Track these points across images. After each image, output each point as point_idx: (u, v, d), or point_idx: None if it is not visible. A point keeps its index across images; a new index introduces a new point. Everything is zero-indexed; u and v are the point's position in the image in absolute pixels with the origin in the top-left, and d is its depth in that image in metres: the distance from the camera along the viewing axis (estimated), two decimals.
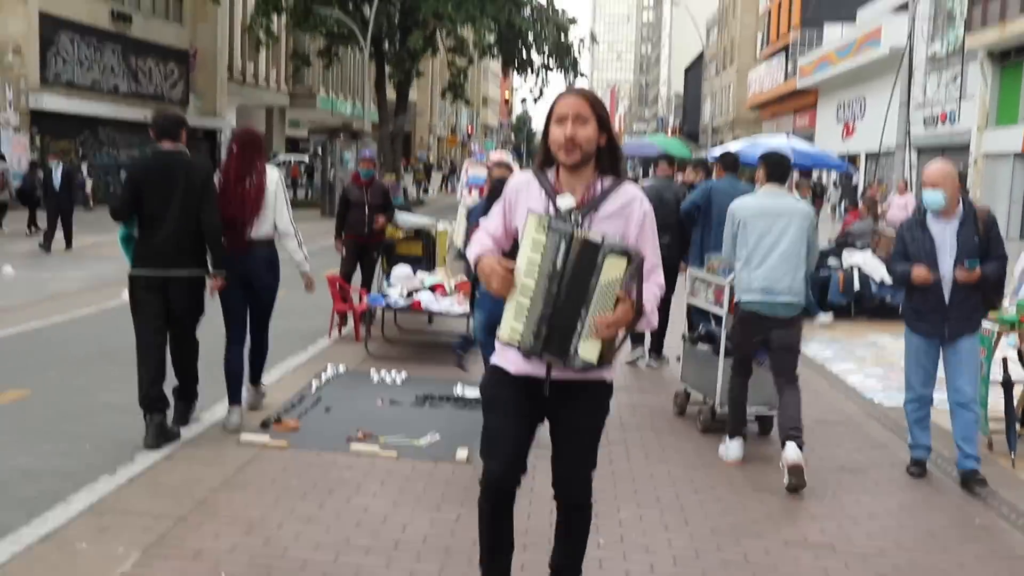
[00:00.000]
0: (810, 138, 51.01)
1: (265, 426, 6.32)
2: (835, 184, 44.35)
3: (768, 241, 5.86)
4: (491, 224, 3.56)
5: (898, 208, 18.39)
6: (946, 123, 35.25)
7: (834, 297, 12.72)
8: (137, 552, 4.26)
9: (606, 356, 3.29)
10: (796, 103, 53.88)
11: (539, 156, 3.52)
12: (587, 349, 3.25)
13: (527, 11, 39.03)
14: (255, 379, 6.86)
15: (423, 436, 6.27)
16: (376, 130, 39.62)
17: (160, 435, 5.87)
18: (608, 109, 4.11)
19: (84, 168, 31.83)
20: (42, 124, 30.58)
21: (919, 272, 5.67)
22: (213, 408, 6.72)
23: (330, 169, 30.52)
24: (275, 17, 36.49)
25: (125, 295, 6.29)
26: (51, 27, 30.86)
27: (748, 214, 5.94)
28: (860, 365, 9.71)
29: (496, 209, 3.57)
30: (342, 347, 9.32)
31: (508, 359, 3.46)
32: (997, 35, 29.82)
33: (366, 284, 10.39)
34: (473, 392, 7.03)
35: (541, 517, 4.66)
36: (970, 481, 5.70)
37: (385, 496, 5.14)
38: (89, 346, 9.12)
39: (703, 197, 8.47)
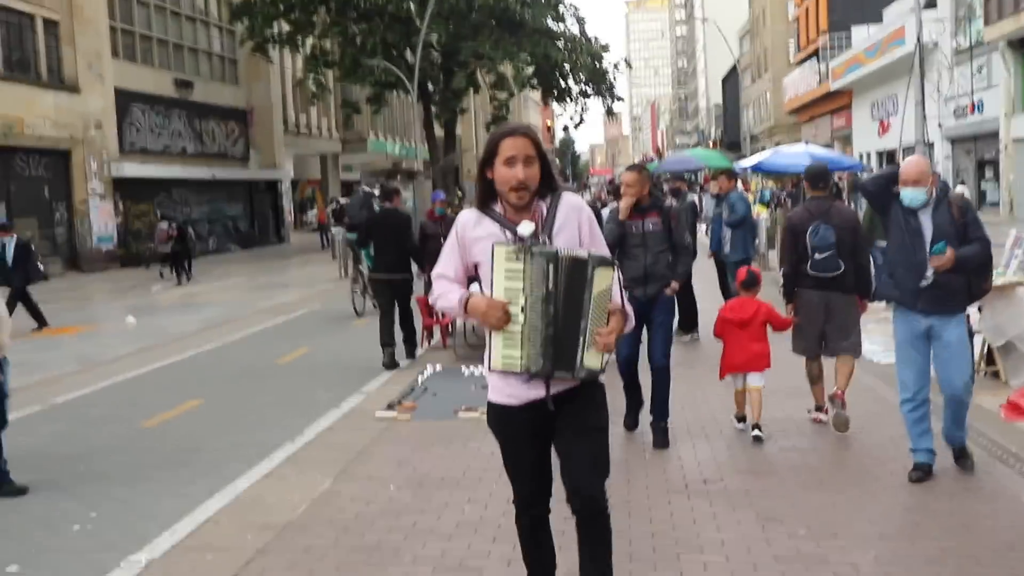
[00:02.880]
0: (847, 138, 52.33)
1: (390, 407, 8.24)
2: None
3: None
4: (447, 267, 3.67)
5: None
6: (974, 113, 36.49)
7: None
8: (329, 479, 6.19)
9: (605, 362, 3.54)
10: (831, 105, 55.06)
11: (479, 193, 3.65)
12: (591, 359, 3.46)
13: (561, 43, 41.01)
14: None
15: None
16: (428, 168, 41.72)
17: (391, 362, 10.41)
18: (650, 124, 5.33)
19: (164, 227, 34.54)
20: (123, 190, 33.21)
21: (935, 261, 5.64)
22: (351, 398, 8.71)
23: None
24: (325, 72, 38.88)
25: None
26: (125, 100, 33.51)
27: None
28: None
29: (449, 250, 3.68)
30: (433, 353, 11.23)
31: (508, 393, 3.60)
32: (1014, 25, 31.16)
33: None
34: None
35: None
36: (963, 457, 5.98)
37: (490, 442, 6.98)
38: (231, 368, 11.17)
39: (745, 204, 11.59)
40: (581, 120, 44.28)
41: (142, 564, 4.98)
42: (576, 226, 3.58)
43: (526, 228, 3.46)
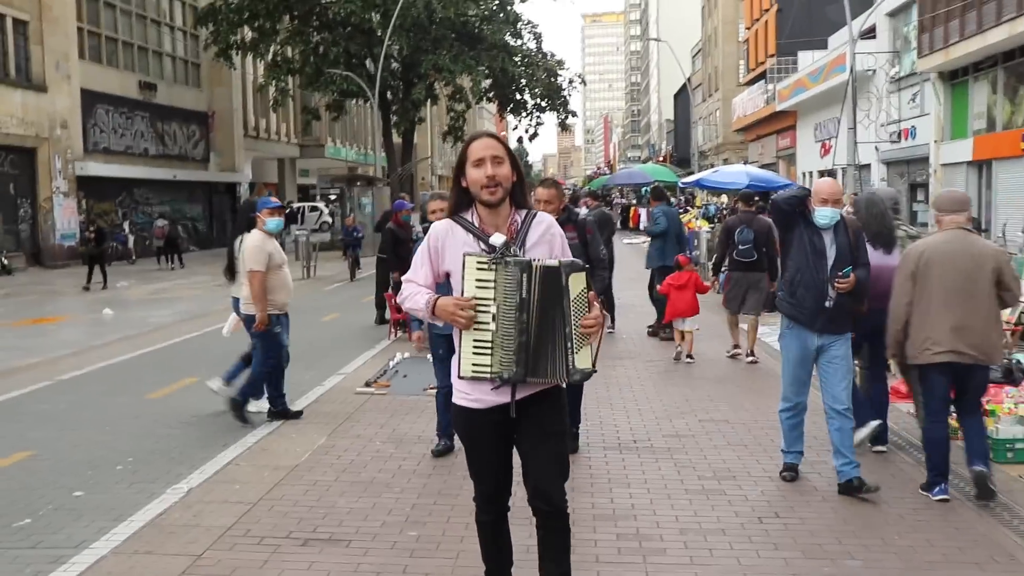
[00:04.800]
0: (792, 157, 54.32)
1: (368, 385, 9.47)
2: None
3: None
4: (418, 275, 3.75)
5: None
6: (908, 138, 38.52)
7: None
8: (324, 436, 7.42)
9: (595, 360, 3.66)
10: (777, 125, 57.05)
11: (452, 200, 3.80)
12: (582, 360, 3.59)
13: (519, 58, 42.43)
14: None
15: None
16: (386, 176, 42.85)
17: None
18: (603, 137, 5.92)
19: (126, 226, 35.41)
20: (87, 189, 33.96)
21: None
22: (331, 378, 9.92)
23: (349, 213, 33.46)
24: (287, 78, 39.87)
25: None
26: (90, 100, 34.30)
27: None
28: None
29: (420, 258, 3.76)
30: (400, 344, 12.44)
31: (474, 398, 3.69)
32: (943, 58, 33.16)
33: None
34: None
35: None
36: (854, 489, 5.86)
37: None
38: (217, 352, 12.30)
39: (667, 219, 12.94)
40: (535, 133, 45.73)
41: (184, 491, 6.16)
42: (549, 244, 3.74)
43: (497, 239, 3.58)
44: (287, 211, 44.49)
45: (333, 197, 50.39)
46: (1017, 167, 29.80)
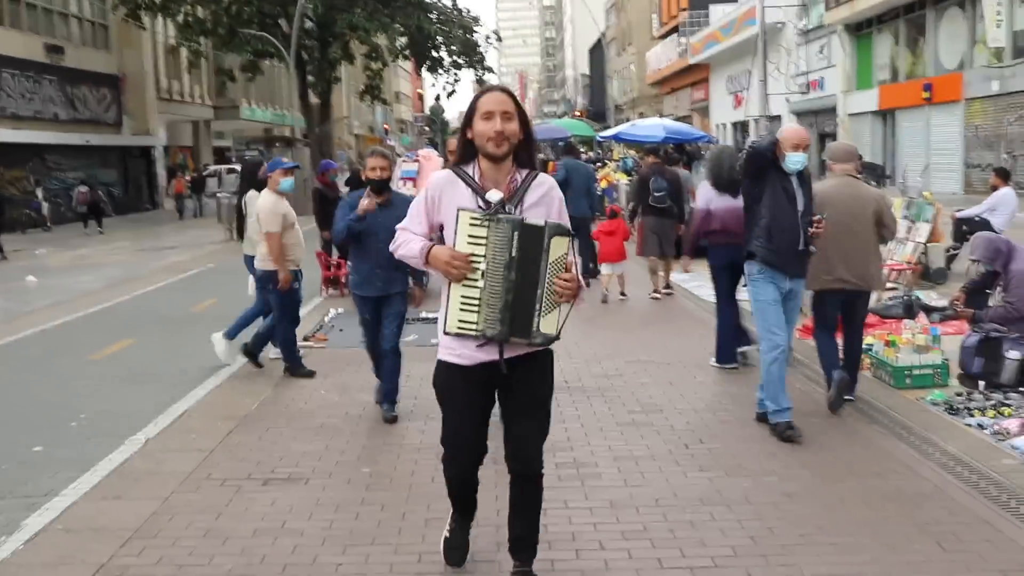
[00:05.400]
0: (705, 110, 55.24)
1: (306, 339, 9.76)
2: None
3: None
4: (413, 223, 3.76)
5: None
6: (817, 89, 39.57)
7: None
8: (270, 388, 7.75)
9: (561, 328, 3.64)
10: (691, 78, 57.84)
11: (458, 151, 3.75)
12: (547, 324, 3.58)
13: (434, 15, 42.35)
14: None
15: (408, 336, 9.74)
16: (304, 136, 42.58)
17: None
18: (518, 93, 6.10)
19: (39, 192, 34.66)
20: None
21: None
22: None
23: None
24: (200, 40, 39.24)
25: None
26: None
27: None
28: None
29: (417, 208, 3.76)
30: (332, 301, 12.70)
31: (459, 353, 3.68)
32: (849, 11, 34.09)
33: (343, 256, 13.81)
34: (432, 313, 10.52)
35: None
36: (789, 430, 6.05)
37: None
38: (150, 315, 12.44)
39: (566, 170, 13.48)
40: (453, 91, 45.84)
41: (142, 441, 6.44)
42: (547, 207, 3.72)
43: (494, 195, 3.58)
44: (206, 173, 44.18)
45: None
46: (918, 116, 30.95)
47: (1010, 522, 4.61)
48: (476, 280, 3.54)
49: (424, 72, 46.42)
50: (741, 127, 50.07)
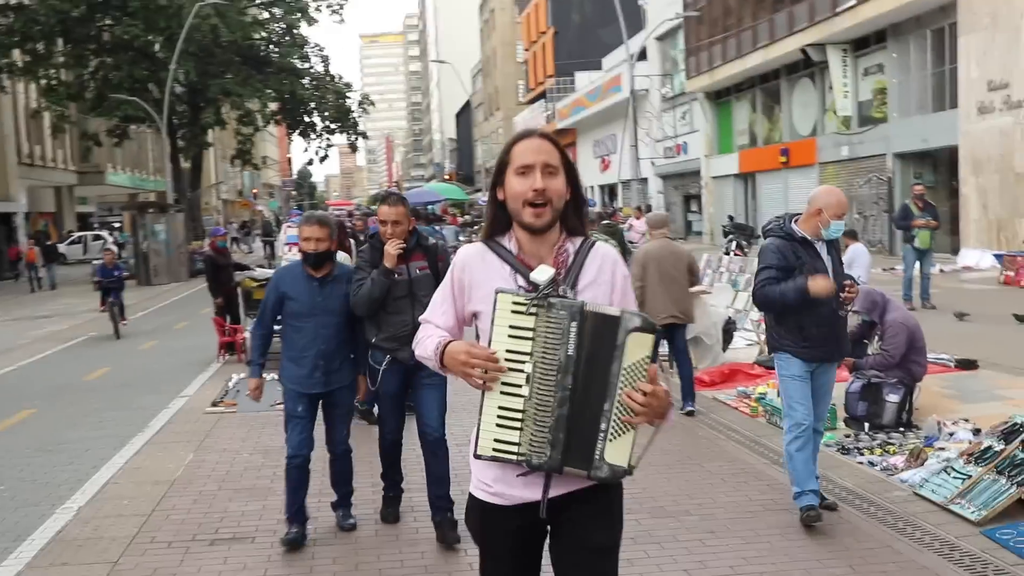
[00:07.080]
0: None
1: (215, 405, 9.84)
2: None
3: None
4: (436, 315, 2.88)
5: (637, 232, 22.82)
6: (681, 153, 41.38)
7: None
8: (191, 453, 7.84)
9: (638, 458, 2.65)
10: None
11: (488, 221, 2.87)
12: (615, 453, 2.61)
13: (307, 81, 42.65)
14: None
15: None
16: (177, 201, 42.01)
17: None
18: (385, 157, 5.08)
19: None
20: None
21: (820, 284, 5.22)
22: (175, 402, 10.21)
23: (143, 242, 32.52)
24: (66, 103, 38.45)
25: None
26: None
27: None
28: None
29: (441, 294, 2.90)
30: (231, 366, 12.74)
31: (495, 491, 2.75)
32: (708, 80, 35.96)
33: (235, 321, 13.85)
34: None
35: None
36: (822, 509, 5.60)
37: None
38: (43, 385, 12.24)
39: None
40: (326, 156, 46.08)
41: (74, 510, 6.47)
42: (609, 285, 2.81)
43: (542, 273, 2.63)
44: (69, 241, 42.93)
45: (117, 225, 48.52)
46: (777, 179, 32.77)
47: (909, 545, 5.17)
48: (519, 387, 2.60)
49: (296, 136, 46.43)
50: (609, 190, 51.78)
